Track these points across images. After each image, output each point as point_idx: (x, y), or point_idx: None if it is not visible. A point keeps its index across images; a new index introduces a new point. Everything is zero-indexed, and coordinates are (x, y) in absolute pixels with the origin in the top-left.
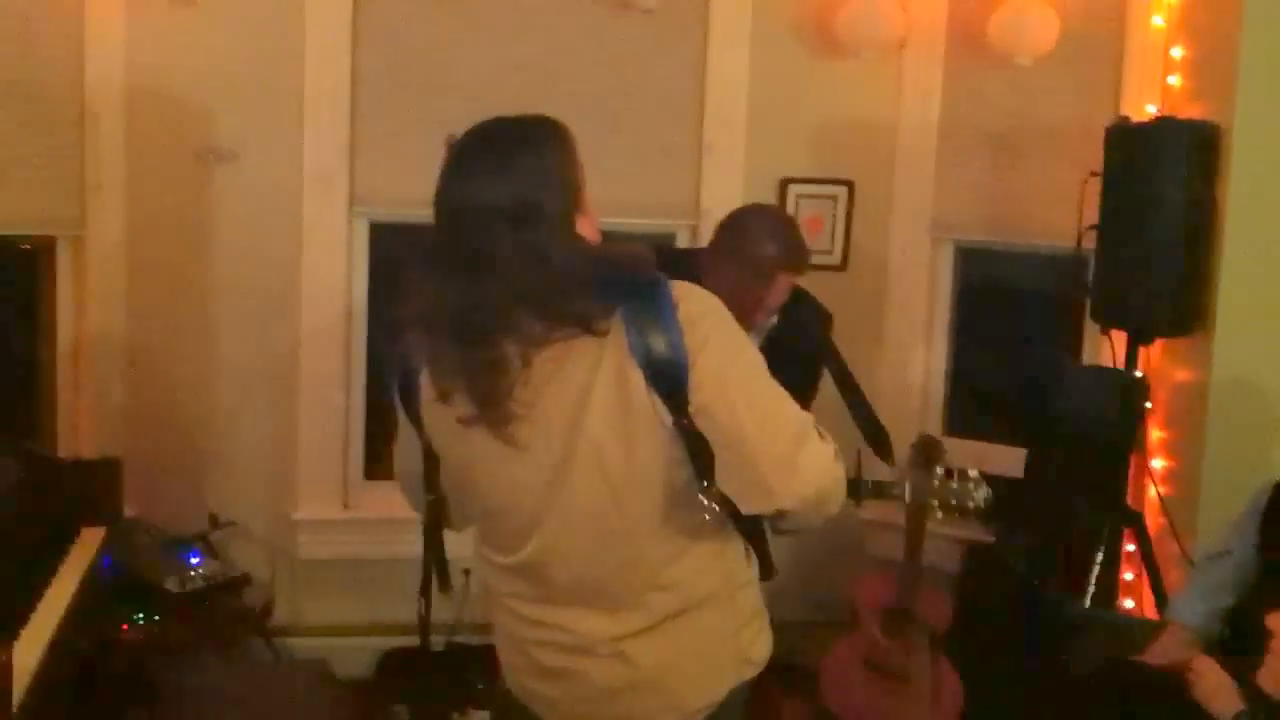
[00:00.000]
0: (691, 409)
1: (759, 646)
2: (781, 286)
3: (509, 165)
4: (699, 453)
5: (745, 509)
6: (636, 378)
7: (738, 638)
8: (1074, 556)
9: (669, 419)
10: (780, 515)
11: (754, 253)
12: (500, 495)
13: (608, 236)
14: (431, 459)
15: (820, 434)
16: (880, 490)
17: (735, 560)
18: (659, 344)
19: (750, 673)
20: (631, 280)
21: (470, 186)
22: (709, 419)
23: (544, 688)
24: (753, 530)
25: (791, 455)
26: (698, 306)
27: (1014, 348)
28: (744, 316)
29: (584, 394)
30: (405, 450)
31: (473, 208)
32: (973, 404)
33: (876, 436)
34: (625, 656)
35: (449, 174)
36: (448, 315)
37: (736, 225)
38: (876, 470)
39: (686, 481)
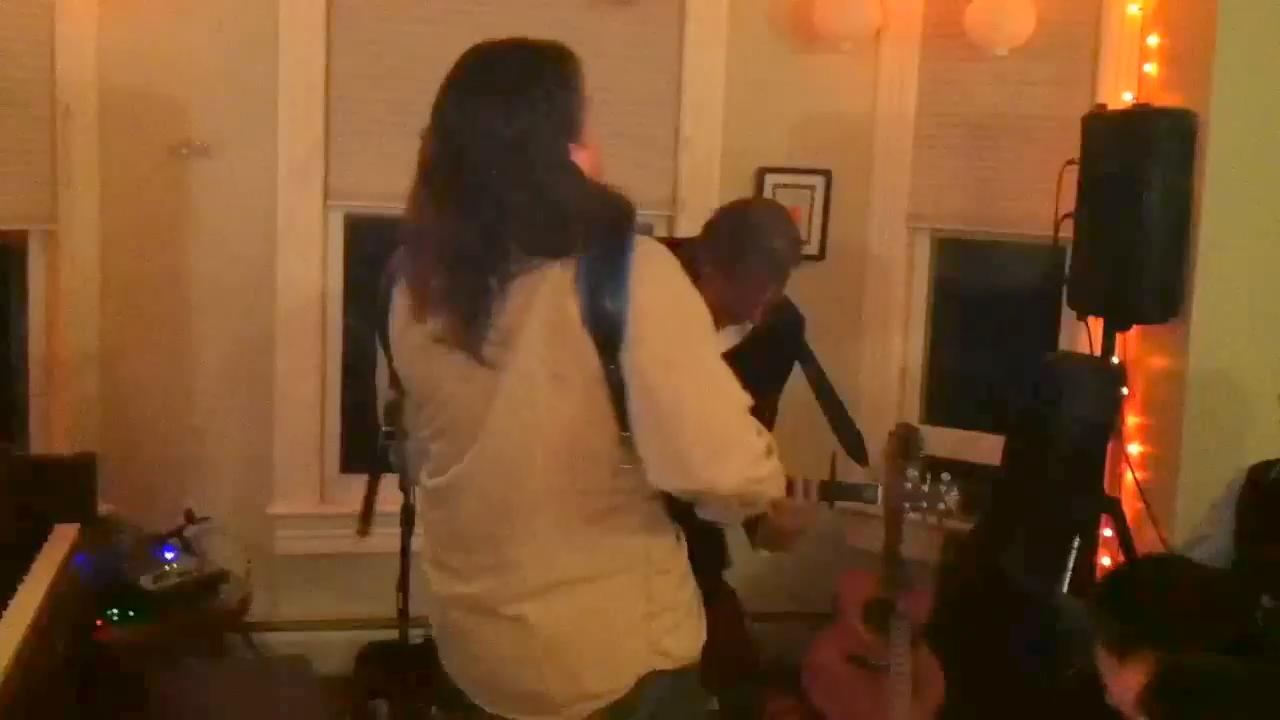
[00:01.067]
0: (628, 365)
1: (678, 640)
2: (784, 282)
3: (508, 94)
4: (623, 404)
5: (656, 481)
6: (574, 311)
7: (649, 624)
8: (1053, 543)
9: (597, 360)
10: (692, 497)
11: (773, 250)
12: (449, 411)
13: None
14: (396, 384)
15: (759, 429)
16: (853, 493)
17: (658, 543)
18: (604, 287)
19: (665, 665)
20: (607, 222)
21: (469, 112)
22: (645, 380)
23: (456, 655)
24: (689, 517)
25: (722, 439)
26: (656, 262)
27: (992, 336)
28: (751, 313)
29: (525, 315)
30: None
31: (469, 134)
32: (951, 393)
33: (851, 439)
34: (524, 621)
35: (449, 96)
36: (438, 239)
37: (749, 223)
38: (851, 473)
39: (607, 438)
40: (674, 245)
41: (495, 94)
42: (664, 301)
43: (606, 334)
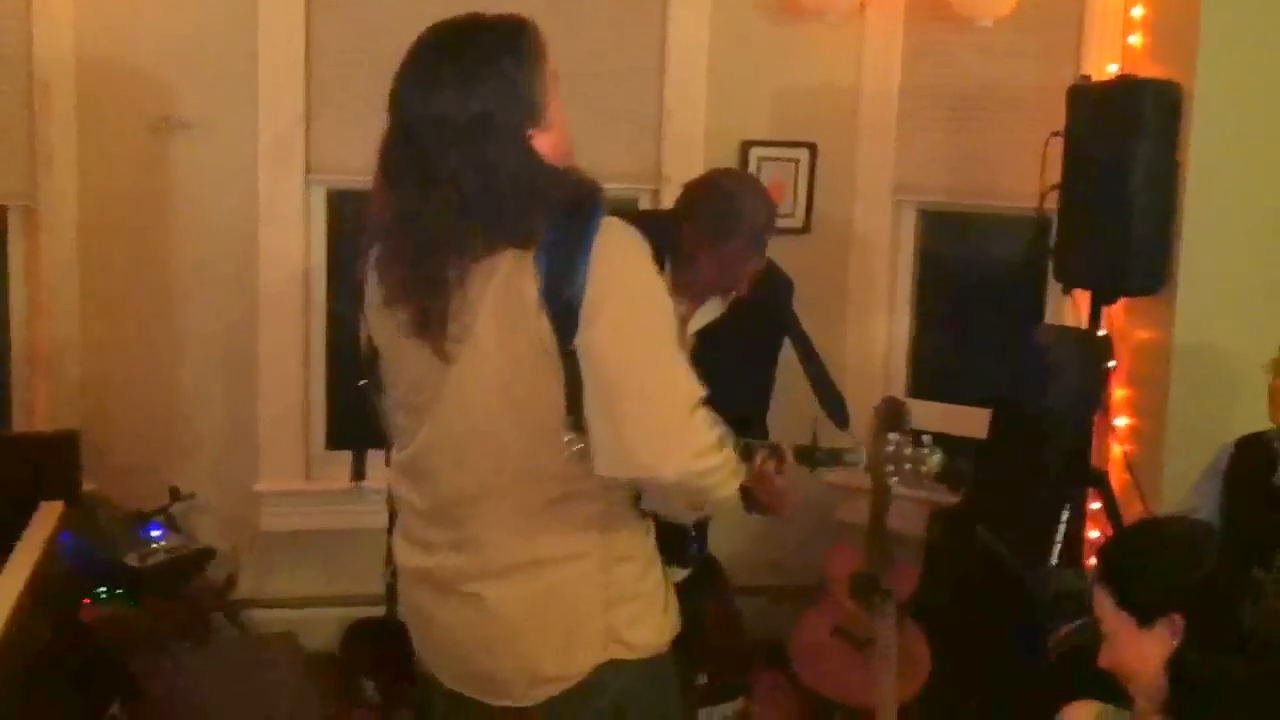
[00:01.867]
0: (581, 345)
1: (640, 631)
2: (764, 252)
3: (465, 74)
4: (576, 388)
5: (600, 467)
6: (532, 289)
7: (607, 612)
8: (1040, 515)
9: (553, 340)
10: (634, 484)
11: (754, 221)
12: (409, 384)
13: None
14: (370, 345)
15: (711, 421)
16: (834, 458)
17: (618, 531)
18: (563, 269)
19: (624, 654)
20: (569, 204)
21: (424, 93)
22: (596, 362)
23: (419, 631)
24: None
25: (666, 427)
26: (617, 244)
27: (977, 309)
28: (738, 284)
29: (483, 303)
30: None
31: (425, 117)
32: (936, 366)
33: (832, 403)
34: (481, 601)
35: (406, 75)
36: (398, 227)
37: (725, 194)
38: (833, 438)
39: (557, 421)
40: (655, 216)
41: (449, 76)
42: (623, 284)
43: (564, 315)
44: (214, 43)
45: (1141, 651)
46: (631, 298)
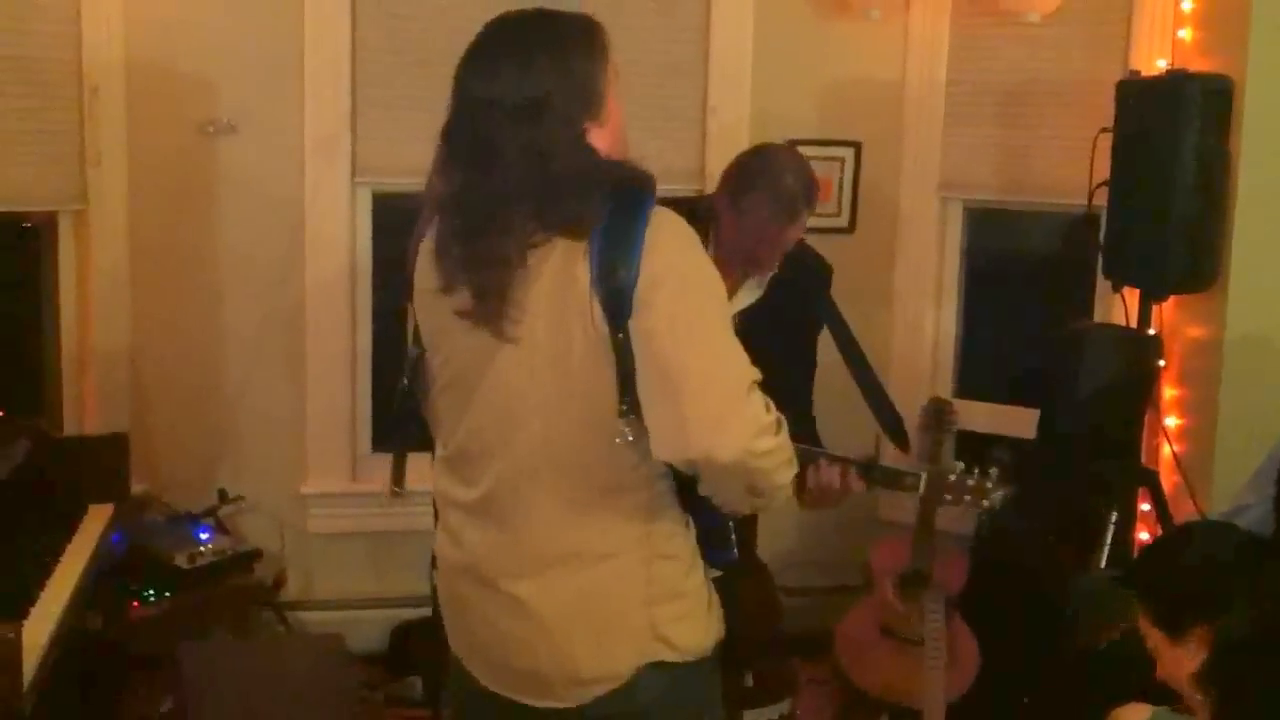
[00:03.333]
0: (635, 329)
1: (684, 630)
2: (800, 224)
3: (527, 62)
4: (627, 375)
5: (657, 451)
6: (584, 278)
7: (649, 610)
8: (1089, 517)
9: (605, 328)
10: (691, 469)
11: (781, 186)
12: (455, 367)
13: None
14: (418, 341)
15: (767, 404)
16: (893, 480)
17: (661, 527)
18: (615, 255)
19: (668, 655)
20: (622, 193)
21: (485, 78)
22: (649, 345)
23: (459, 628)
24: (699, 503)
25: (722, 407)
26: (670, 231)
27: (1025, 308)
28: (763, 254)
29: (537, 289)
30: None
31: (484, 100)
32: (984, 365)
33: (892, 423)
34: (521, 601)
35: (469, 60)
36: (454, 205)
37: (760, 156)
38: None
39: (607, 408)
40: (694, 201)
41: (510, 61)
42: (676, 269)
43: (616, 301)
44: (260, 46)
45: (1179, 665)
46: (685, 283)
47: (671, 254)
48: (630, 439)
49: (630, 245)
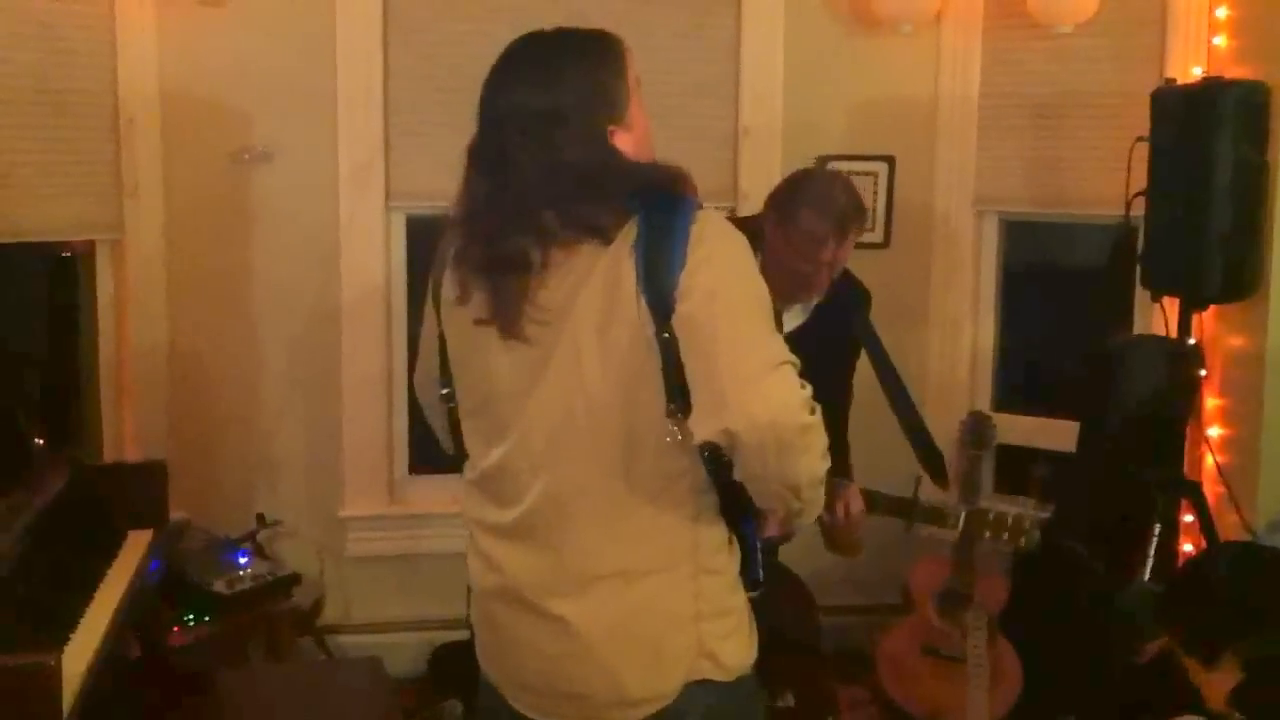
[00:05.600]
0: (678, 318)
1: (732, 649)
2: (849, 247)
3: (546, 71)
4: (673, 372)
5: (697, 430)
6: (630, 280)
7: (698, 626)
8: (1131, 529)
9: (651, 328)
10: (729, 441)
11: (829, 204)
12: (491, 384)
13: None
14: (444, 355)
15: (803, 384)
16: (931, 517)
17: (708, 539)
18: (661, 251)
19: (715, 674)
20: (660, 192)
21: (507, 90)
22: (688, 326)
23: (495, 652)
24: (739, 519)
25: (757, 374)
26: (713, 229)
27: (1064, 320)
28: (812, 277)
29: (576, 291)
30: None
31: (506, 109)
32: (1023, 379)
33: (932, 460)
34: (564, 621)
35: (493, 76)
36: (475, 212)
37: (808, 183)
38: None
39: (654, 410)
40: (739, 221)
41: (530, 73)
42: (717, 262)
43: (661, 299)
44: (293, 75)
45: (1215, 688)
46: (725, 272)
47: (713, 248)
48: (679, 438)
49: (673, 243)
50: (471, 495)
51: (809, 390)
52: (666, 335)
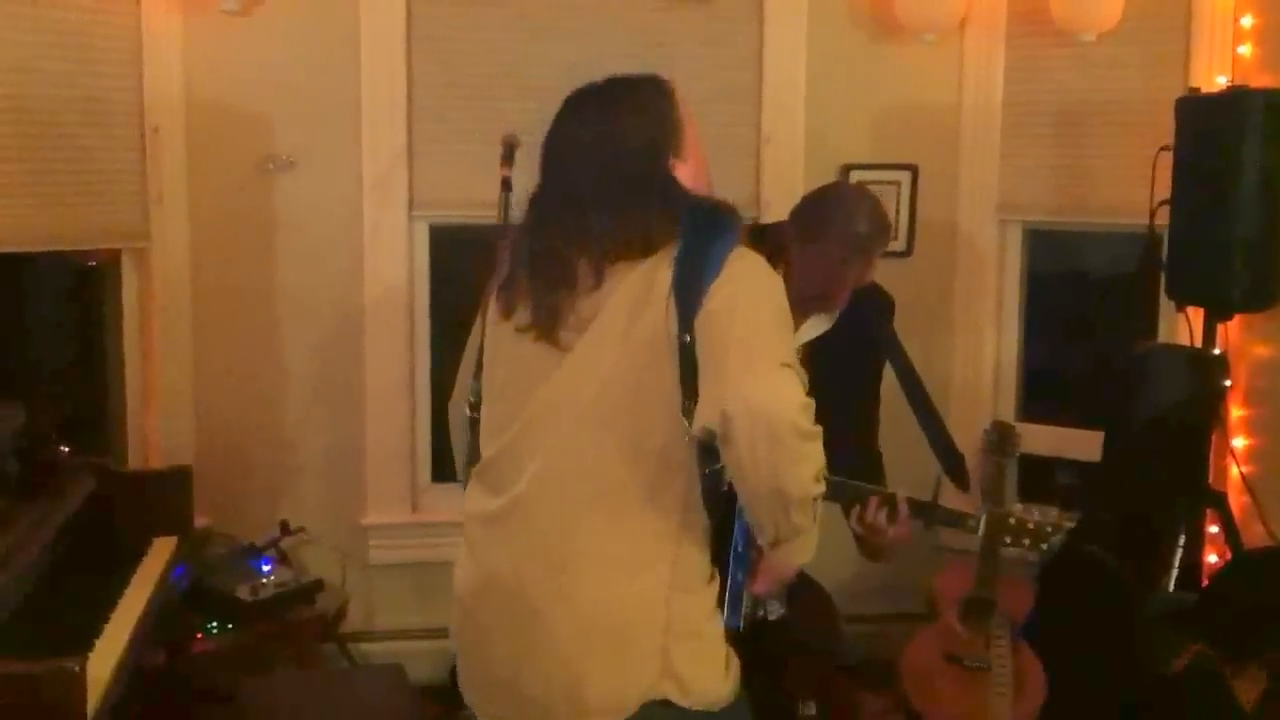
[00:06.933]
0: (699, 320)
1: (698, 675)
2: (872, 263)
3: (606, 109)
4: (690, 374)
5: (700, 417)
6: (665, 284)
7: (665, 641)
8: (1156, 539)
9: (675, 328)
10: (724, 427)
11: (847, 224)
12: (511, 372)
13: None
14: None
15: (803, 379)
16: (952, 521)
17: (689, 557)
18: (698, 265)
19: (678, 698)
20: (705, 212)
21: (568, 126)
22: (708, 322)
23: (471, 657)
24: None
25: (761, 368)
26: (750, 259)
27: (1088, 329)
28: (833, 292)
29: (612, 294)
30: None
31: (566, 141)
32: (1047, 388)
33: (952, 461)
34: (537, 610)
35: (553, 126)
36: (527, 233)
37: (824, 194)
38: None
39: (663, 409)
40: (764, 228)
41: (590, 110)
42: (743, 279)
43: (690, 302)
44: (317, 83)
45: (1249, 694)
46: (752, 285)
47: (744, 268)
48: (689, 435)
49: (711, 259)
50: (472, 491)
51: (813, 404)
52: (689, 338)
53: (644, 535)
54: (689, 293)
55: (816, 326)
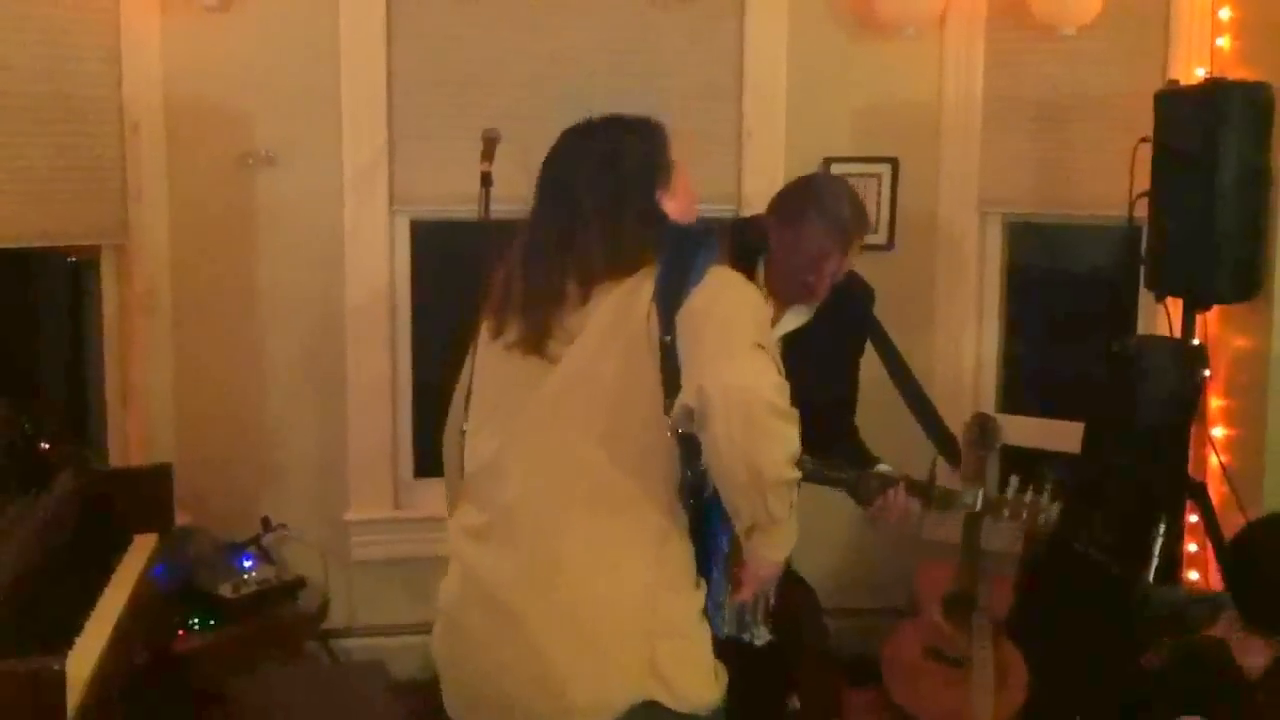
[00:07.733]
0: (680, 317)
1: (684, 676)
2: (852, 253)
3: (603, 139)
4: (674, 377)
5: (680, 399)
6: (648, 292)
7: (652, 646)
8: (1136, 529)
9: (657, 331)
10: (700, 404)
11: (835, 214)
12: (499, 387)
13: None
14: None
15: (779, 367)
16: (950, 500)
17: (673, 556)
18: (680, 273)
19: (665, 698)
20: (689, 237)
21: (566, 154)
22: (688, 317)
23: (451, 668)
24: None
25: (737, 350)
26: (726, 273)
27: (1068, 321)
28: (814, 282)
29: (596, 307)
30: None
31: (560, 163)
32: (1028, 380)
33: (943, 438)
34: (521, 615)
35: (550, 155)
36: (521, 246)
37: (805, 181)
38: (946, 473)
39: (645, 409)
40: (745, 225)
41: (590, 142)
42: (722, 282)
43: (671, 305)
44: (297, 78)
45: (1250, 654)
46: (731, 290)
47: (726, 277)
48: (676, 429)
49: (692, 270)
50: (459, 508)
51: (788, 385)
52: (669, 338)
53: (630, 536)
54: (671, 298)
55: (796, 318)
